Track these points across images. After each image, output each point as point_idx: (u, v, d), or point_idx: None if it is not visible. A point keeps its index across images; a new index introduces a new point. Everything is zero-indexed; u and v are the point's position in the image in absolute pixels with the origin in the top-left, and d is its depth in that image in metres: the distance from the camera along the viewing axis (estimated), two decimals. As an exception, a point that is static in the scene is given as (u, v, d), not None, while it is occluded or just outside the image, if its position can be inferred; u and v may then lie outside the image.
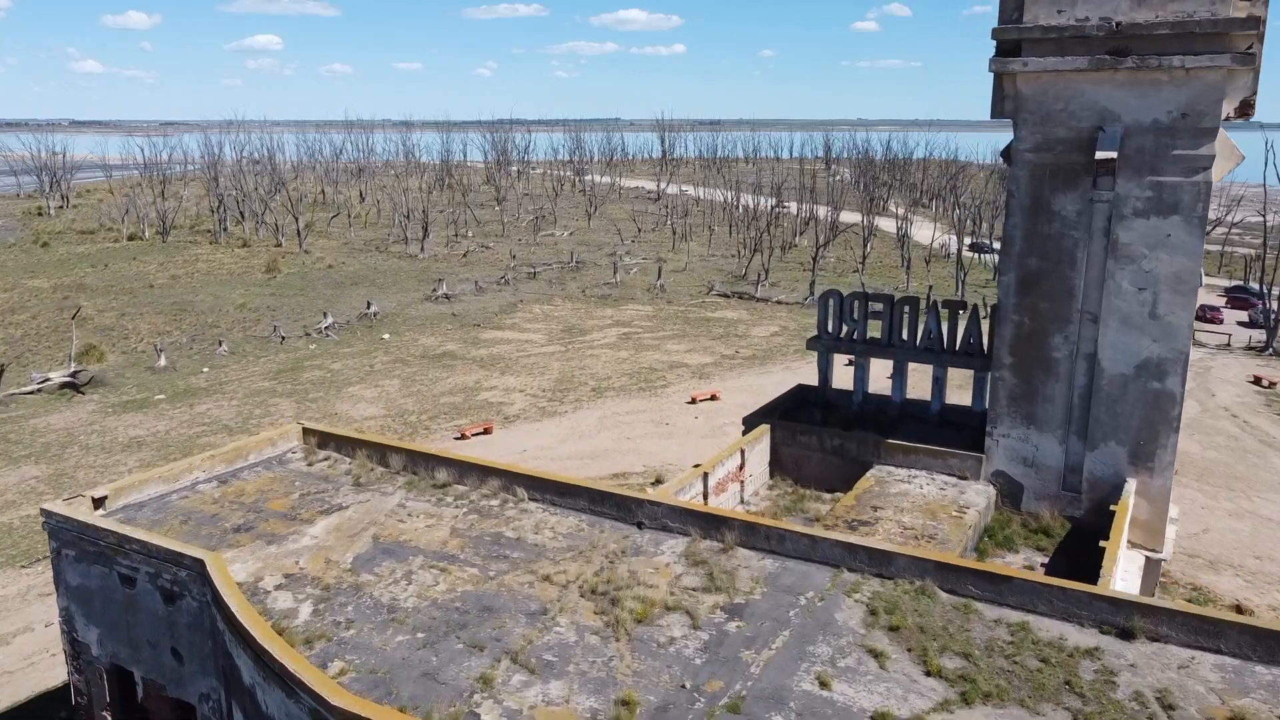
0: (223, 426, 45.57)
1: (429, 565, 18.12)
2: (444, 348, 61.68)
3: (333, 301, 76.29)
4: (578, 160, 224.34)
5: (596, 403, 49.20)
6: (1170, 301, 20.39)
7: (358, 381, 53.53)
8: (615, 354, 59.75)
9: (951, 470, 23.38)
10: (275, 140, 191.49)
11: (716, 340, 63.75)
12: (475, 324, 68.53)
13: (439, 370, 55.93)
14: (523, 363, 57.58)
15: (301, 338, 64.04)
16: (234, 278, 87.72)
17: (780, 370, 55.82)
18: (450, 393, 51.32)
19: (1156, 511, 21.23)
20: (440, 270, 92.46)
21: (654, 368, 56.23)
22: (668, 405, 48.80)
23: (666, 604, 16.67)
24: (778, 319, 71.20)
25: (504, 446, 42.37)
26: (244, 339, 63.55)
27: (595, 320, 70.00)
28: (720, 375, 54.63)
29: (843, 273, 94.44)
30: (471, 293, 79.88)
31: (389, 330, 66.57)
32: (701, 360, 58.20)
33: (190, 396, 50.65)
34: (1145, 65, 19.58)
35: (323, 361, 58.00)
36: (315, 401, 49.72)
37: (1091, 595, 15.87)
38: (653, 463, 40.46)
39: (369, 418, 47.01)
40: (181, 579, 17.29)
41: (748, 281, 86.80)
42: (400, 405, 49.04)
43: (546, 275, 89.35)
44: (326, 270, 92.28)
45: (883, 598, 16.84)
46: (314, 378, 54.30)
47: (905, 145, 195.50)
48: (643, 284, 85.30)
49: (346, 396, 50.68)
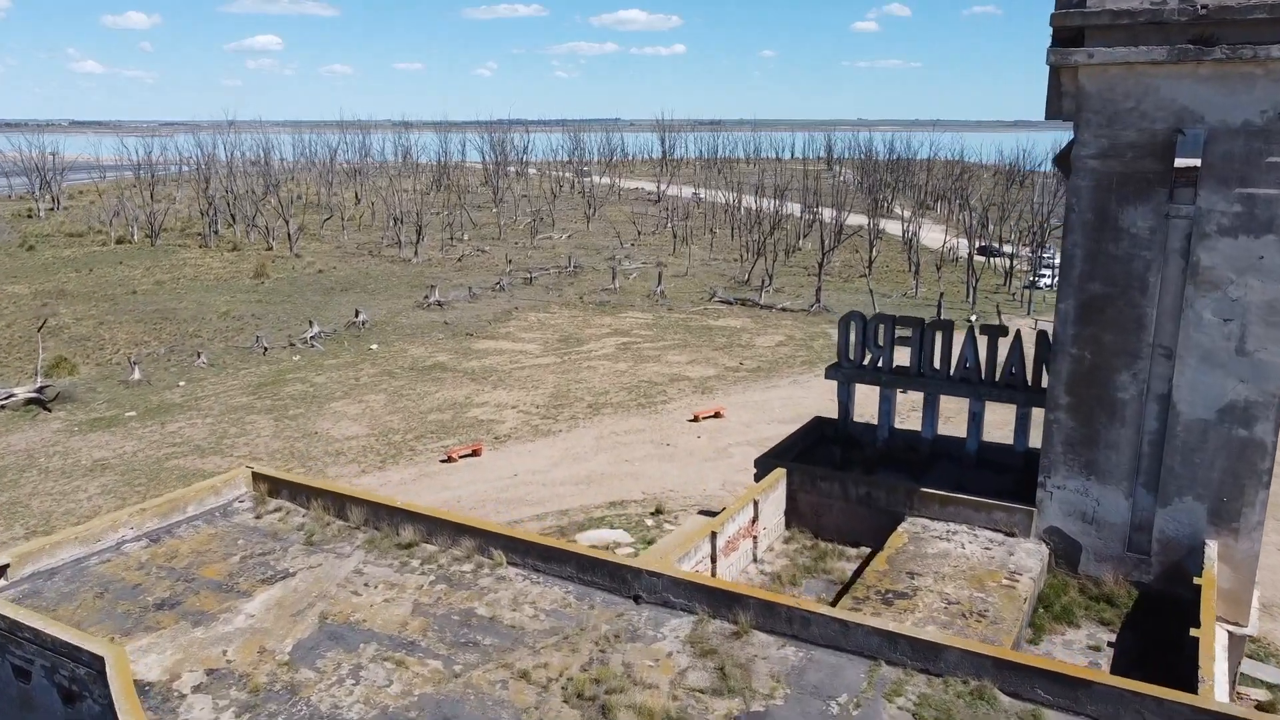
0: (194, 447, 42.54)
1: (383, 656, 15.07)
2: (434, 359, 58.64)
3: (321, 309, 73.26)
4: (577, 161, 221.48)
5: (593, 420, 46.14)
6: (1262, 335, 17.32)
7: (341, 396, 50.48)
8: (613, 366, 56.70)
9: (997, 525, 20.31)
10: (269, 141, 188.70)
11: (719, 351, 60.68)
12: (468, 333, 65.48)
13: (428, 384, 52.88)
14: (516, 376, 54.53)
15: (285, 348, 61.00)
16: (221, 283, 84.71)
17: (787, 384, 52.77)
18: (439, 409, 48.27)
19: (1241, 580, 18.17)
20: (434, 275, 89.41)
21: (654, 381, 53.17)
22: (669, 423, 45.74)
23: (669, 714, 13.63)
24: (782, 327, 68.12)
25: (493, 470, 39.34)
26: (225, 350, 60.50)
27: (593, 329, 66.95)
28: (724, 390, 51.57)
29: (849, 278, 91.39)
30: (465, 300, 76.84)
31: (377, 340, 63.54)
32: (704, 373, 55.13)
33: (163, 413, 47.60)
34: (1236, 56, 16.50)
35: (306, 374, 54.95)
36: (295, 419, 46.68)
37: (1194, 709, 12.83)
38: (653, 488, 37.41)
39: (351, 437, 43.97)
40: (80, 677, 14.28)
41: (751, 287, 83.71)
42: (385, 423, 45.99)
43: (543, 280, 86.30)
44: (316, 275, 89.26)
45: (932, 703, 13.79)
46: (295, 392, 51.25)
47: (909, 145, 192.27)
48: (642, 290, 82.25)
49: (328, 413, 47.63)
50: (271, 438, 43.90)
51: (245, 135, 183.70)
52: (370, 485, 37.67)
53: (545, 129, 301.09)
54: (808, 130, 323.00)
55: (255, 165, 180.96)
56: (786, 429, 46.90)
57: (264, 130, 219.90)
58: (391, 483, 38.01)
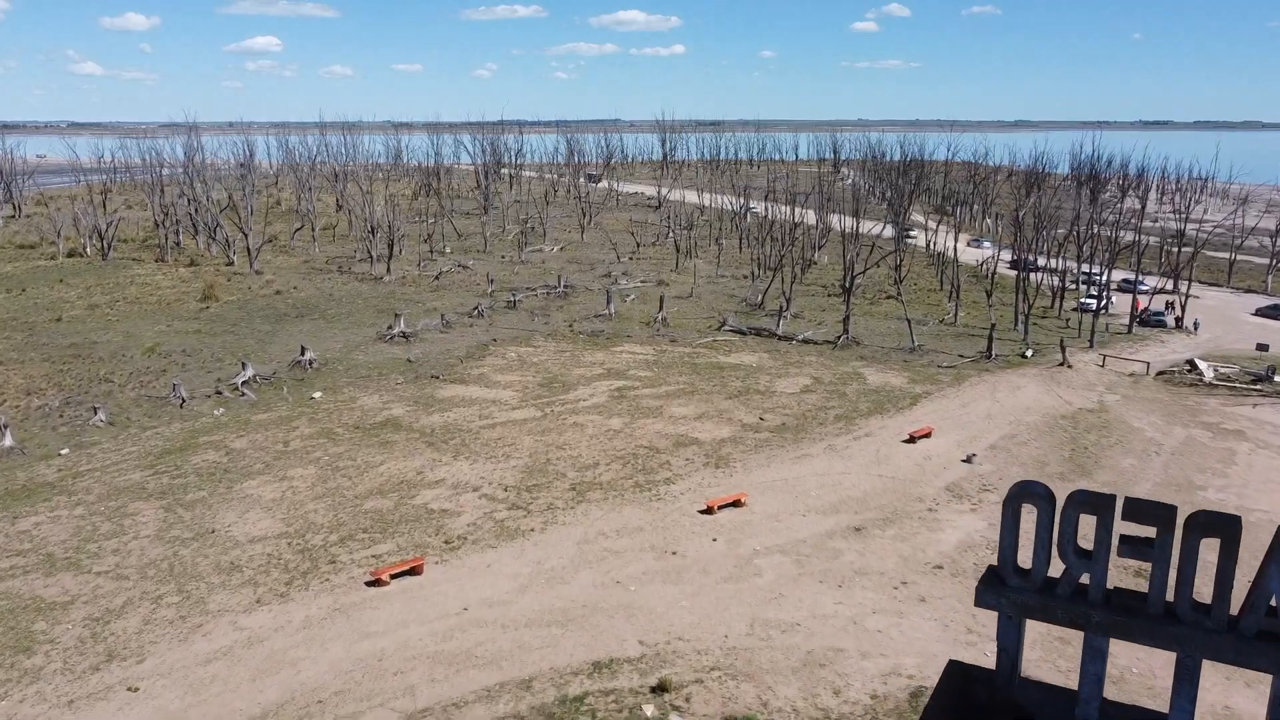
0: (43, 558, 32.09)
1: None
2: (387, 412, 48.27)
3: (266, 342, 62.87)
4: (575, 164, 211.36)
5: (576, 512, 35.73)
6: None
7: (261, 471, 40.06)
8: (605, 423, 46.32)
9: None
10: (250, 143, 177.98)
11: (734, 400, 50.30)
12: (433, 375, 55.09)
13: (373, 451, 42.50)
14: (484, 438, 44.13)
15: (210, 397, 50.62)
16: (162, 308, 74.35)
17: (821, 450, 42.39)
18: (380, 491, 37.88)
19: None
20: (406, 296, 79.07)
21: (655, 447, 42.79)
22: (674, 516, 35.34)
23: None
24: (806, 366, 57.74)
25: (436, 601, 28.94)
26: (135, 400, 50.08)
27: (583, 369, 56.54)
28: (743, 460, 41.17)
29: (873, 298, 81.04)
30: (436, 329, 66.44)
31: (324, 384, 53.13)
32: (716, 433, 44.75)
33: (24, 499, 37.17)
34: None
35: (225, 436, 44.55)
36: (193, 507, 36.26)
37: None
38: (655, 634, 27.01)
39: (258, 539, 33.53)
40: None
41: (765, 312, 73.35)
42: (307, 515, 35.57)
43: (529, 303, 75.91)
44: (273, 297, 78.88)
45: None
46: (205, 464, 40.85)
47: (922, 147, 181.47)
48: (641, 315, 71.88)
49: (238, 498, 37.22)
50: (152, 541, 33.45)
51: (218, 138, 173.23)
52: (263, 629, 27.24)
53: (546, 129, 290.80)
54: (808, 131, 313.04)
55: (228, 170, 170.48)
56: (827, 523, 36.38)
57: (248, 132, 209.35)
58: (293, 624, 27.58)
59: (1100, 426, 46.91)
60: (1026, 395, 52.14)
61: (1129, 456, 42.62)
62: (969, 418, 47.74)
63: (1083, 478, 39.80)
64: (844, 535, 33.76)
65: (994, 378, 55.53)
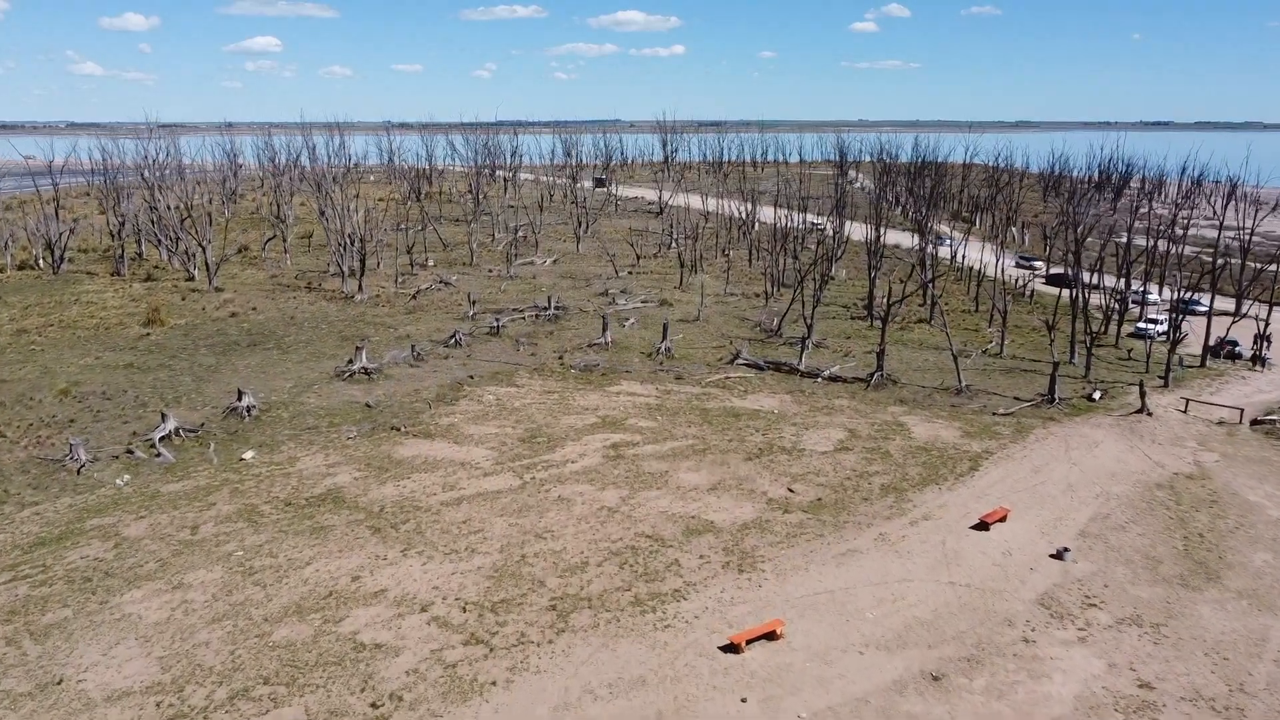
0: None
1: None
2: (331, 479, 39.29)
3: (205, 379, 53.91)
4: (573, 164, 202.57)
5: (555, 649, 26.71)
6: None
7: (151, 576, 31.04)
8: (597, 496, 37.33)
9: None
10: (234, 144, 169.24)
11: (754, 462, 41.30)
12: (394, 425, 46.12)
13: (302, 540, 33.51)
14: (445, 521, 35.13)
15: (118, 458, 41.65)
16: (97, 335, 65.33)
17: (871, 543, 33.34)
18: (299, 609, 28.86)
19: None
20: (378, 319, 70.13)
21: (660, 536, 33.78)
22: (687, 657, 26.33)
23: None
24: (837, 413, 48.72)
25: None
26: (22, 464, 41.07)
27: (573, 417, 47.54)
28: (773, 559, 32.15)
29: (903, 323, 71.94)
30: (405, 363, 57.45)
31: (261, 439, 44.15)
32: (736, 514, 35.75)
33: None
34: None
35: (121, 518, 35.53)
36: (45, 638, 27.25)
37: None
38: None
39: (119, 696, 24.51)
40: None
41: (783, 340, 64.36)
42: (193, 654, 26.53)
43: (515, 328, 66.92)
44: (227, 321, 69.89)
45: None
46: (82, 564, 31.82)
47: (935, 148, 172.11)
48: (641, 343, 62.90)
49: (110, 621, 28.22)
50: (-28, 700, 24.44)
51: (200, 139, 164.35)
52: None
53: (546, 130, 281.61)
54: (810, 131, 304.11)
55: (214, 174, 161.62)
56: (894, 667, 25.98)
57: (232, 133, 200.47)
58: None
59: (1208, 501, 37.91)
60: (1107, 454, 43.14)
61: (1259, 548, 33.63)
62: (1047, 490, 38.74)
63: (1211, 584, 30.84)
64: (918, 689, 24.76)
65: (1063, 429, 46.52)
